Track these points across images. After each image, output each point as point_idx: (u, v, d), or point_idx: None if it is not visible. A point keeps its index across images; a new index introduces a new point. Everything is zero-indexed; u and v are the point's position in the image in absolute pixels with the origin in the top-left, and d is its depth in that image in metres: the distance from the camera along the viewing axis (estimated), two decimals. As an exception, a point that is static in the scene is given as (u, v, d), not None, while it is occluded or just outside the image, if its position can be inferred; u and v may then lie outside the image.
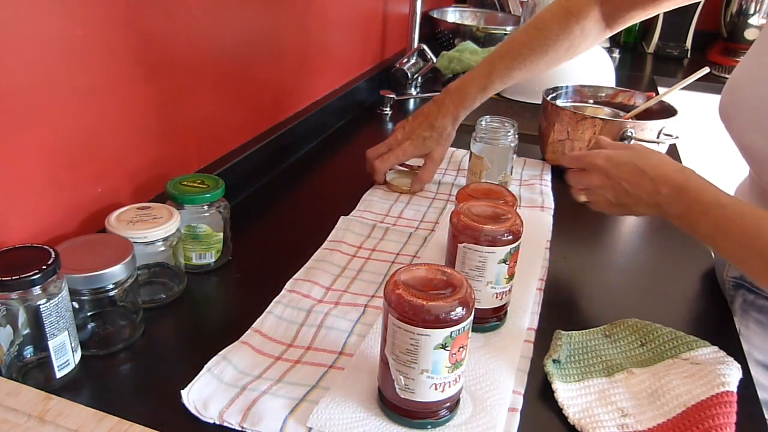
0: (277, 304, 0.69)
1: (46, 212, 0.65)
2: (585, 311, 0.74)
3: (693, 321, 0.72)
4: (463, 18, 2.02)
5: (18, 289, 0.51)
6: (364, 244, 0.83)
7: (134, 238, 0.63)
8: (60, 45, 0.62)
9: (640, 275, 0.81)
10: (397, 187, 0.99)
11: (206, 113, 0.88)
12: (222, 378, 0.57)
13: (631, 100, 1.17)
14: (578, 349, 0.63)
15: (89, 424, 0.46)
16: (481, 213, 0.65)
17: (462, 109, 0.95)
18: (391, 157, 0.96)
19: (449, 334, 0.49)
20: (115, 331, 0.62)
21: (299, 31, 1.11)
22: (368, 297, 0.71)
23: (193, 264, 0.74)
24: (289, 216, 0.91)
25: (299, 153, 1.13)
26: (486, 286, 0.64)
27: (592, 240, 0.86)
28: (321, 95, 1.25)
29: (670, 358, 0.62)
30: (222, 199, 0.75)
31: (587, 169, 0.72)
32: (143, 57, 0.74)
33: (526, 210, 0.95)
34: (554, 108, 1.08)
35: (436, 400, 0.52)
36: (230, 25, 0.90)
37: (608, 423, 0.55)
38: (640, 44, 2.27)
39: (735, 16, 2.12)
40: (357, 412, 0.54)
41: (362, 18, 1.42)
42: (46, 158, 0.64)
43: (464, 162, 1.11)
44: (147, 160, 0.78)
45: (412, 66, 1.49)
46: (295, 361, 0.61)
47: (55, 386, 0.55)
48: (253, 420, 0.52)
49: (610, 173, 0.69)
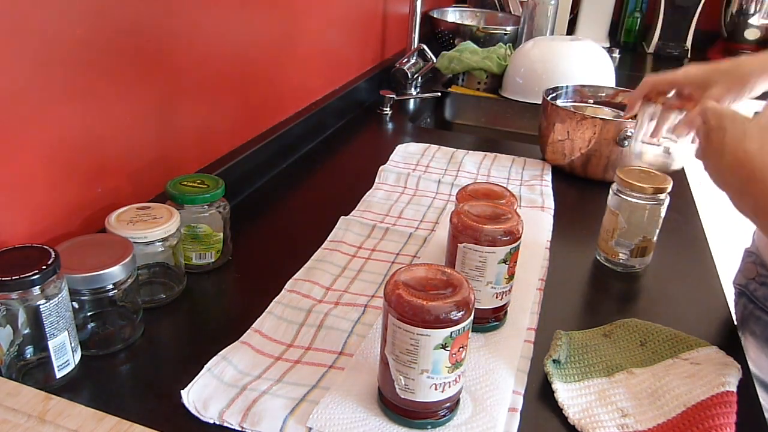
0: (277, 304, 0.69)
1: (46, 212, 0.65)
2: (585, 311, 0.74)
3: (693, 321, 0.72)
4: (463, 18, 2.02)
5: (18, 289, 0.51)
6: (364, 244, 0.83)
7: (134, 238, 0.63)
8: (60, 45, 0.62)
9: (641, 275, 0.81)
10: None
11: (206, 113, 0.88)
12: (222, 378, 0.57)
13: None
14: (578, 349, 0.63)
15: (89, 424, 0.46)
16: (481, 213, 0.65)
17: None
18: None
19: (449, 334, 0.49)
20: (114, 331, 0.62)
21: (299, 31, 1.11)
22: (368, 297, 0.71)
23: (193, 264, 0.74)
24: (289, 216, 0.91)
25: (299, 153, 1.12)
26: (486, 286, 0.64)
27: (592, 240, 0.86)
28: (321, 95, 1.25)
29: (670, 358, 0.62)
30: (222, 199, 0.75)
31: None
32: (143, 57, 0.74)
33: (526, 210, 0.95)
34: (554, 108, 1.08)
35: (436, 400, 0.52)
36: (230, 25, 0.90)
37: (608, 423, 0.55)
38: (640, 44, 2.27)
39: (735, 16, 2.12)
40: (357, 412, 0.54)
41: (362, 18, 1.42)
42: (46, 158, 0.64)
43: (465, 162, 1.11)
44: (147, 160, 0.78)
45: (412, 66, 1.49)
46: (295, 361, 0.61)
47: (55, 386, 0.55)
48: (253, 420, 0.52)
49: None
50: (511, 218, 0.64)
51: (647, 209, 0.77)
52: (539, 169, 1.10)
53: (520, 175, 1.08)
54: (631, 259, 0.80)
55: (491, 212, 0.65)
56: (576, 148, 1.05)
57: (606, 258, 0.82)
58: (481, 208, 0.66)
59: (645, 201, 0.77)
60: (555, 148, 1.09)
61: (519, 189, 1.02)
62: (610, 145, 1.02)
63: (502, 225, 0.63)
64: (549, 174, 1.08)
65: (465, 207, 0.66)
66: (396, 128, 1.32)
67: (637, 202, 0.77)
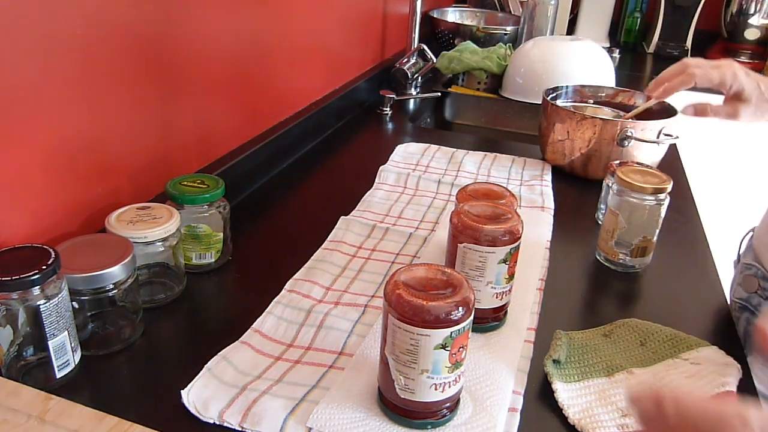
0: (277, 304, 0.69)
1: (46, 212, 0.65)
2: (585, 311, 0.74)
3: (693, 321, 0.72)
4: (463, 18, 2.02)
5: (18, 289, 0.51)
6: (364, 244, 0.83)
7: (134, 238, 0.63)
8: (60, 45, 0.62)
9: (641, 275, 0.81)
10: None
11: (206, 113, 0.88)
12: (222, 378, 0.57)
13: (631, 100, 1.17)
14: (578, 349, 0.63)
15: (89, 424, 0.46)
16: (481, 213, 0.65)
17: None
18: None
19: (449, 334, 0.49)
20: (115, 331, 0.62)
21: (299, 31, 1.11)
22: (368, 297, 0.71)
23: (193, 264, 0.74)
24: (289, 216, 0.91)
25: (299, 153, 1.12)
26: (486, 286, 0.64)
27: (592, 240, 0.86)
28: (321, 95, 1.25)
29: (670, 358, 0.62)
30: (222, 199, 0.75)
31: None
32: (143, 57, 0.74)
33: (526, 210, 0.95)
34: (554, 108, 1.08)
35: (436, 400, 0.52)
36: (230, 25, 0.90)
37: (608, 423, 0.55)
38: (640, 44, 2.27)
39: (735, 16, 2.11)
40: (357, 412, 0.54)
41: (362, 18, 1.42)
42: (46, 158, 0.64)
43: (465, 162, 1.11)
44: (147, 160, 0.78)
45: (412, 66, 1.49)
46: (295, 361, 0.61)
47: (55, 386, 0.55)
48: (253, 420, 0.52)
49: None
50: (511, 218, 0.64)
51: (647, 209, 0.77)
52: (539, 169, 1.10)
53: (520, 175, 1.08)
54: (631, 259, 0.80)
55: (491, 212, 0.65)
56: (576, 148, 1.05)
57: (606, 258, 0.82)
58: (481, 208, 0.66)
59: (645, 201, 0.77)
60: (555, 148, 1.09)
61: (519, 189, 1.02)
62: (610, 145, 1.02)
63: (502, 225, 0.63)
64: (549, 174, 1.08)
65: (465, 207, 0.66)
66: (396, 128, 1.32)
67: (637, 202, 0.77)
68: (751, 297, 0.68)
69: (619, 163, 0.85)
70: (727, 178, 2.04)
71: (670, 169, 1.07)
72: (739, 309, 0.70)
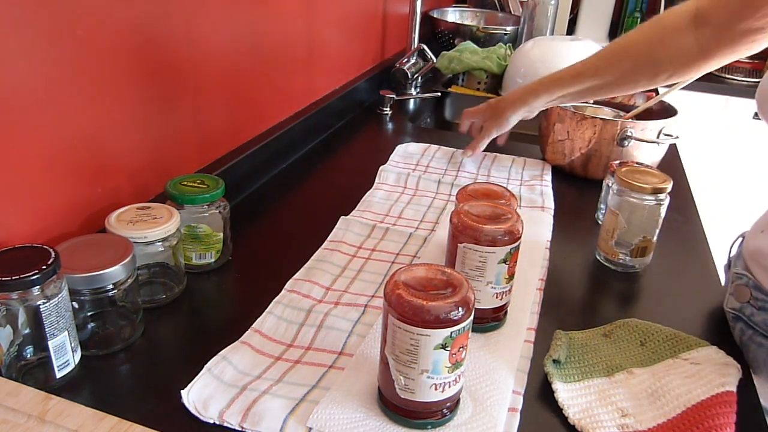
0: (277, 304, 0.69)
1: (46, 212, 0.65)
2: (585, 311, 0.74)
3: (693, 321, 0.72)
4: (463, 18, 2.03)
5: (18, 289, 0.51)
6: (364, 244, 0.83)
7: (134, 238, 0.63)
8: (60, 45, 0.62)
9: (641, 275, 0.81)
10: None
11: (206, 113, 0.88)
12: (222, 378, 0.57)
13: (631, 100, 1.17)
14: (578, 349, 0.63)
15: (89, 424, 0.46)
16: (481, 213, 0.65)
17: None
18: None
19: (449, 334, 0.49)
20: (114, 331, 0.62)
21: (299, 31, 1.11)
22: (368, 297, 0.71)
23: (193, 264, 0.74)
24: (289, 216, 0.91)
25: (299, 153, 1.13)
26: (486, 286, 0.64)
27: (592, 240, 0.86)
28: (321, 95, 1.25)
29: (670, 358, 0.62)
30: (222, 199, 0.75)
31: None
32: (143, 57, 0.74)
33: (526, 210, 0.95)
34: (554, 108, 1.08)
35: (436, 400, 0.52)
36: (230, 25, 0.90)
37: (608, 423, 0.55)
38: (640, 44, 2.27)
39: (735, 16, 2.11)
40: (357, 412, 0.54)
41: (362, 18, 1.42)
42: (46, 158, 0.64)
43: (465, 162, 1.11)
44: (147, 160, 0.78)
45: (412, 66, 1.49)
46: (295, 361, 0.61)
47: (55, 386, 0.55)
48: (253, 420, 0.52)
49: None
50: (511, 218, 0.64)
51: (647, 209, 0.77)
52: (539, 169, 1.10)
53: (520, 175, 1.08)
54: (631, 259, 0.80)
55: (491, 212, 0.65)
56: (576, 148, 1.05)
57: (606, 258, 0.82)
58: (481, 208, 0.66)
59: (645, 201, 0.77)
60: (555, 148, 1.09)
61: (519, 189, 1.02)
62: (610, 145, 1.02)
63: (502, 225, 0.63)
64: (549, 174, 1.08)
65: (465, 207, 0.66)
66: (396, 128, 1.32)
67: (637, 202, 0.77)
68: (744, 307, 0.67)
69: (619, 163, 0.85)
70: (727, 178, 2.04)
71: (670, 169, 1.07)
72: (733, 319, 0.69)
